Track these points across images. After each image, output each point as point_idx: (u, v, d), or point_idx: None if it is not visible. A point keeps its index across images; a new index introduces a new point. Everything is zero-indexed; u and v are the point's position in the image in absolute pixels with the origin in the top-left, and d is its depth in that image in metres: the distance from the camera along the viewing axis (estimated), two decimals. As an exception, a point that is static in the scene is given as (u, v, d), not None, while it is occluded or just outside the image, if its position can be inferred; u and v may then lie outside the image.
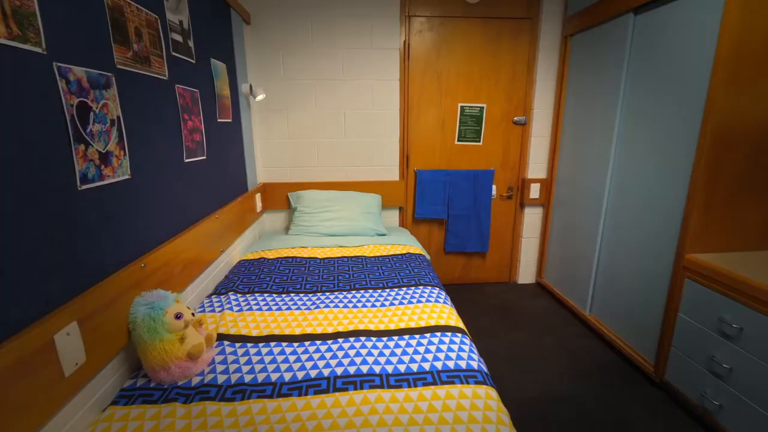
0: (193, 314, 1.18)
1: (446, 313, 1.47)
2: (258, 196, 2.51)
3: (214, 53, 1.87)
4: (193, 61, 1.62)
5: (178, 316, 1.12)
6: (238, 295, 1.61)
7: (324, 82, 2.58)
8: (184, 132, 1.51)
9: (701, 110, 1.59)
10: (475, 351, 1.26)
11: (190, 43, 1.60)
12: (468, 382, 1.08)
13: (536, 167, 2.85)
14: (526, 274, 3.06)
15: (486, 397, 1.03)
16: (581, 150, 2.45)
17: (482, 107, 2.74)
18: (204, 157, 1.71)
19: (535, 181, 2.83)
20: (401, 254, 2.13)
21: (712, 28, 1.54)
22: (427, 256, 2.32)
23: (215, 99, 1.86)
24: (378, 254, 2.13)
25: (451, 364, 1.16)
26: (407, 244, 2.31)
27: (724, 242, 1.64)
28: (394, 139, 2.73)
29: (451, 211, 2.82)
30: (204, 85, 1.73)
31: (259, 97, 2.31)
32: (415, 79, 2.68)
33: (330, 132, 2.66)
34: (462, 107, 2.73)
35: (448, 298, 1.65)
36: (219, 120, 1.91)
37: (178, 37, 1.49)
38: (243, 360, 1.18)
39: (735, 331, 1.43)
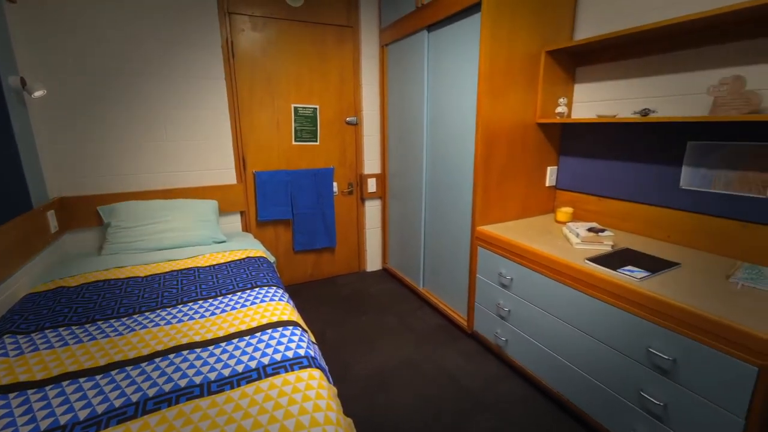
0: (-71, 372, 0.92)
1: (280, 310, 1.51)
2: (51, 214, 2.06)
3: (-50, 35, 1.45)
4: None
5: None
6: (19, 337, 1.31)
7: (134, 78, 2.27)
8: None
9: (474, 113, 2.01)
10: (305, 339, 1.33)
11: None
12: (293, 369, 1.14)
13: (371, 163, 3.12)
14: (373, 262, 3.33)
15: (309, 378, 1.11)
16: (403, 147, 2.79)
17: (315, 108, 2.84)
18: (-57, 170, 1.32)
19: (371, 176, 3.10)
20: (240, 259, 2.06)
21: (475, 50, 1.95)
22: (271, 258, 2.31)
23: (-42, 94, 1.45)
24: (213, 263, 2.01)
25: (278, 357, 1.20)
26: (248, 248, 2.25)
27: (498, 215, 2.13)
28: (226, 141, 2.60)
29: (295, 211, 2.86)
30: (-67, 76, 1.33)
31: (37, 94, 1.89)
32: (243, 78, 2.60)
33: (148, 133, 2.37)
34: (295, 108, 2.78)
35: (285, 295, 1.69)
36: (-31, 121, 1.50)
37: None
38: (19, 411, 0.98)
39: (508, 281, 1.88)
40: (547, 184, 2.25)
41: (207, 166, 2.57)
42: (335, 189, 3.03)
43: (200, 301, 1.59)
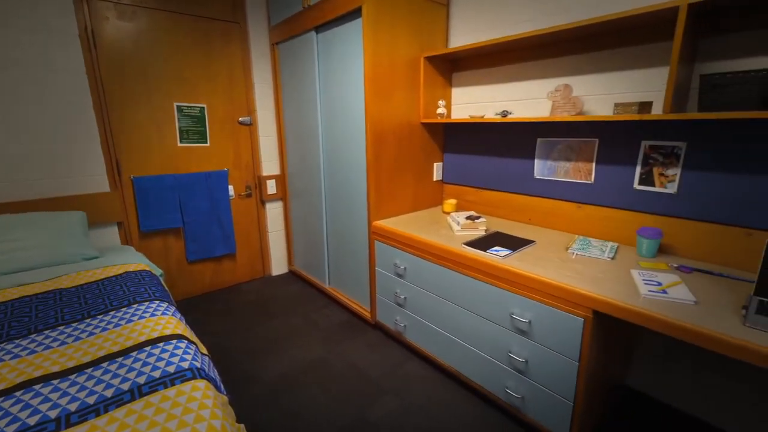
0: None
1: (162, 324, 1.40)
2: None
3: None
4: None
5: None
6: None
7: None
8: None
9: (363, 114, 2.10)
10: (191, 351, 1.26)
11: None
12: (174, 384, 1.07)
13: (270, 164, 3.04)
14: (278, 265, 3.25)
15: (192, 390, 1.06)
16: (301, 147, 2.78)
17: (203, 107, 2.66)
18: None
19: (270, 177, 3.02)
20: (116, 275, 1.85)
21: (361, 53, 2.04)
22: (157, 271, 2.11)
23: None
24: (81, 282, 1.77)
25: (157, 374, 1.12)
26: (127, 262, 2.02)
27: (392, 209, 2.26)
28: (93, 143, 2.29)
29: (186, 218, 2.65)
30: None
31: None
32: (111, 72, 2.31)
33: (-19, 137, 1.97)
34: (179, 107, 2.57)
35: (171, 308, 1.57)
36: None
37: None
38: None
39: (402, 271, 2.01)
40: (434, 179, 2.46)
41: (70, 172, 2.23)
42: (231, 192, 2.88)
43: (61, 327, 1.39)
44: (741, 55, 1.33)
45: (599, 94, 1.70)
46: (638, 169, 1.61)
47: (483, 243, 1.73)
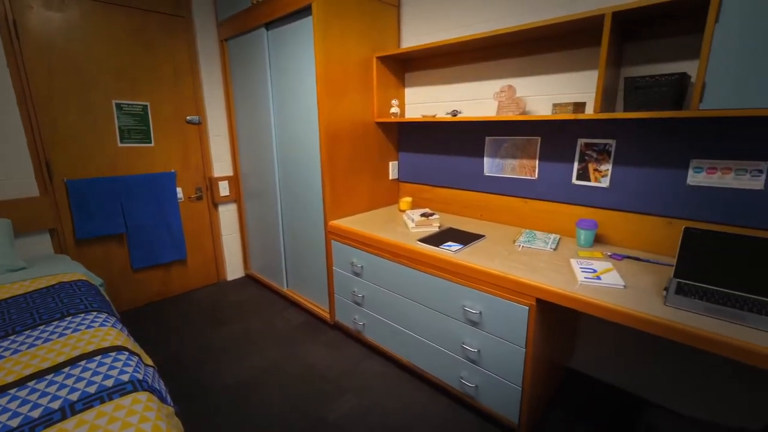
0: None
1: (100, 336, 1.31)
2: None
3: None
4: None
5: None
6: None
7: None
8: None
9: (316, 113, 2.08)
10: (132, 363, 1.19)
11: None
12: (111, 399, 1.01)
13: (221, 165, 2.93)
14: (233, 269, 3.14)
15: (132, 403, 1.00)
16: (254, 147, 2.70)
17: (145, 105, 2.51)
18: None
19: (222, 179, 2.91)
20: (47, 287, 1.70)
21: (312, 52, 2.02)
22: (96, 280, 1.96)
23: None
24: (6, 296, 1.61)
25: (92, 389, 1.04)
26: (61, 272, 1.87)
27: (348, 209, 2.26)
28: (19, 144, 2.09)
29: (129, 223, 2.49)
30: None
31: None
32: (37, 67, 2.12)
33: None
34: (118, 104, 2.41)
35: (111, 319, 1.47)
36: None
37: None
38: None
39: (359, 269, 2.02)
40: (390, 178, 2.49)
41: (-10, 176, 2.03)
42: (180, 195, 2.74)
43: (-20, 346, 1.26)
44: (659, 60, 1.46)
45: (540, 95, 1.80)
46: (576, 166, 1.72)
47: (436, 239, 1.77)
